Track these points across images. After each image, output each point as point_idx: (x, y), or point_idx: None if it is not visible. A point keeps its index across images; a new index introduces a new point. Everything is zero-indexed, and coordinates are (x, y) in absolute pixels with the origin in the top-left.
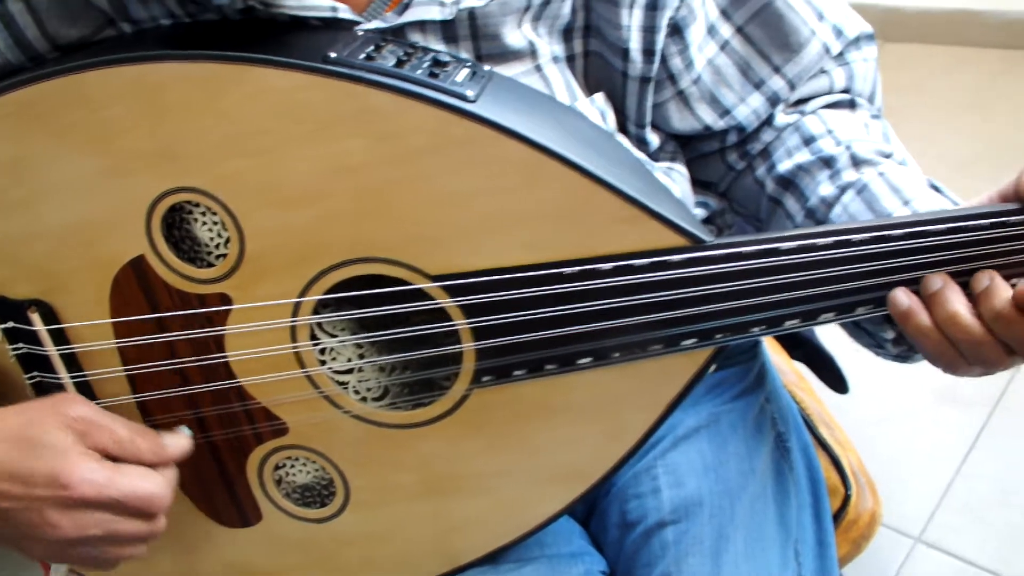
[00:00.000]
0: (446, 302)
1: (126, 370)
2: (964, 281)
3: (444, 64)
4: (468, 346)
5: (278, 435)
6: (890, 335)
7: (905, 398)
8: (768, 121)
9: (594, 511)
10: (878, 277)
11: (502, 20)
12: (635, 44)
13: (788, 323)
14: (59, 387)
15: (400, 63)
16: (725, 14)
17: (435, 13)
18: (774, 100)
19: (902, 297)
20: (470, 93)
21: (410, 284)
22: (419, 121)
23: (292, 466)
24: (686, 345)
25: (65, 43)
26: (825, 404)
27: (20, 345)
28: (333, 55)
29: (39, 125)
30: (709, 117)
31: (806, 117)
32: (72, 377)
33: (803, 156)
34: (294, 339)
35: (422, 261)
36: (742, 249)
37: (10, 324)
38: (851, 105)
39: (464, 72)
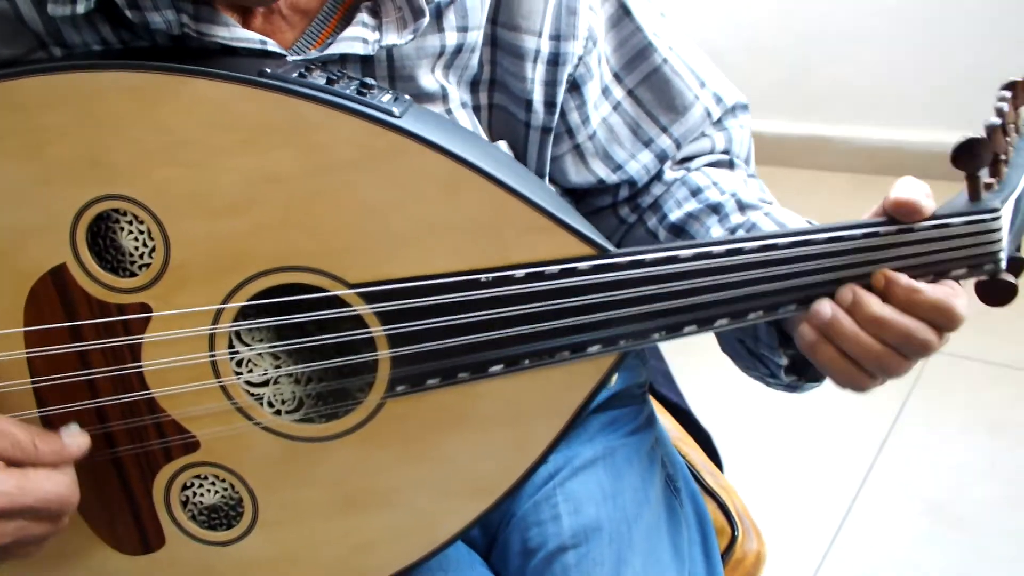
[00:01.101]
0: (363, 308)
1: (33, 382)
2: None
3: (370, 87)
4: (384, 353)
5: (188, 451)
6: (784, 361)
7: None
8: (657, 176)
9: (495, 543)
10: (768, 284)
11: (417, 63)
12: (538, 96)
13: (687, 328)
14: None
15: (330, 82)
16: (617, 77)
17: (358, 48)
18: (662, 157)
19: (826, 305)
20: (396, 111)
21: (329, 292)
22: (347, 133)
23: (200, 485)
24: (592, 351)
25: None
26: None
27: None
28: (268, 70)
29: None
30: (603, 171)
31: (692, 172)
32: None
33: (692, 205)
34: (212, 348)
35: (343, 270)
36: (644, 257)
37: None
38: (730, 165)
39: (388, 96)
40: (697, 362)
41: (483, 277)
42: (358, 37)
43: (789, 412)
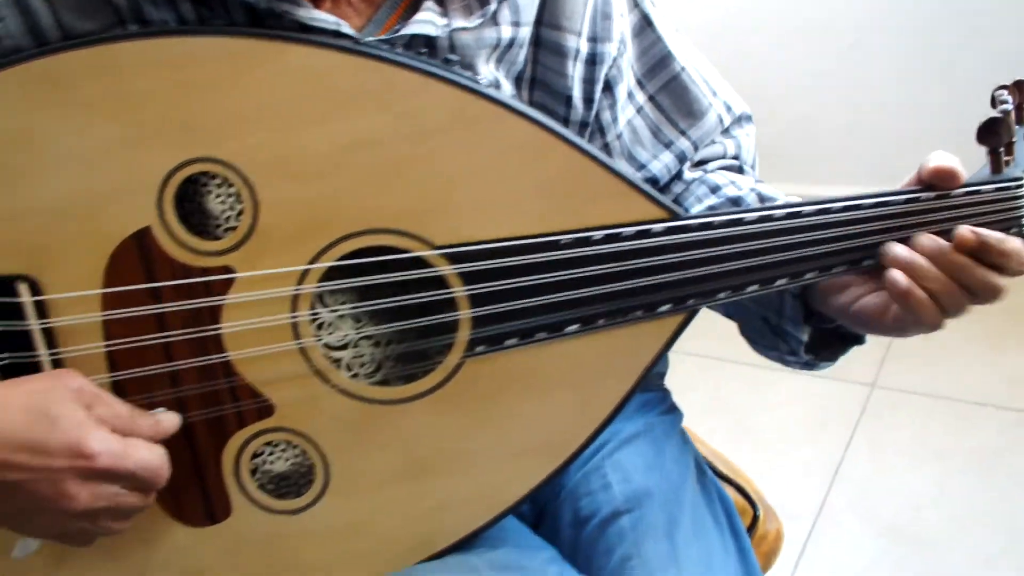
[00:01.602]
0: (446, 269)
1: (107, 346)
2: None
3: (452, 62)
4: (465, 313)
5: (262, 416)
6: (805, 337)
7: None
8: (678, 175)
9: (544, 516)
10: (822, 245)
11: (476, 52)
12: (577, 92)
13: (750, 288)
14: (32, 368)
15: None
16: (640, 83)
17: (430, 29)
18: (682, 158)
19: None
20: (481, 82)
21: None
22: (439, 100)
23: (271, 453)
24: (662, 311)
25: (75, 35)
26: None
27: None
28: (360, 39)
29: (60, 93)
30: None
31: (709, 173)
32: (50, 355)
33: (712, 200)
34: (294, 310)
35: (429, 232)
36: (712, 219)
37: None
38: (740, 170)
39: (468, 72)
40: None
41: (562, 239)
42: (428, 20)
43: (743, 444)
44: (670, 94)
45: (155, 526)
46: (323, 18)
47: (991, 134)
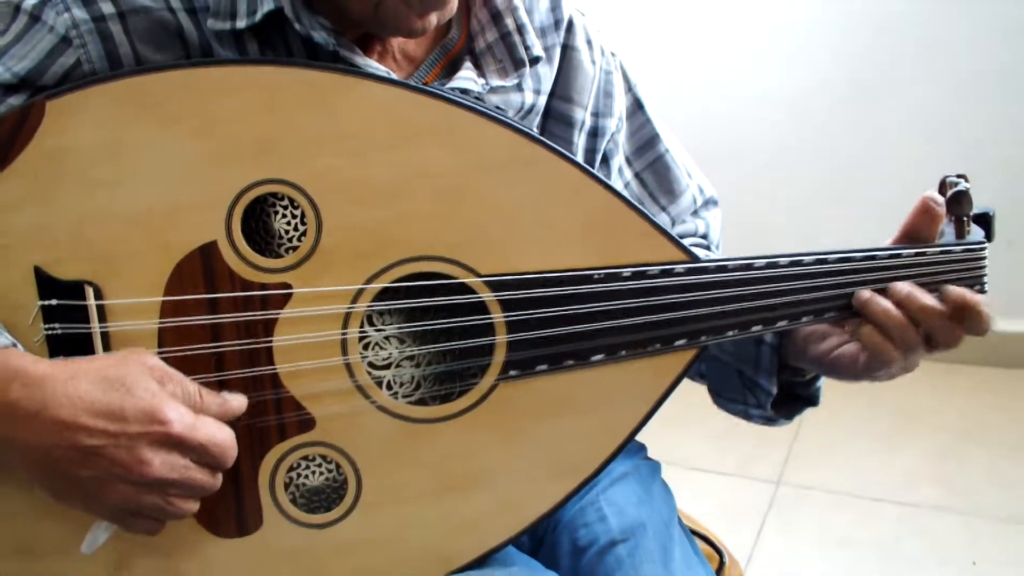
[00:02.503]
0: (487, 296)
1: (160, 352)
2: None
3: (503, 111)
4: (502, 338)
5: (303, 429)
6: (775, 390)
7: None
8: None
9: (542, 546)
10: (819, 292)
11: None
12: (580, 160)
13: (754, 328)
14: None
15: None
16: (628, 161)
17: (472, 85)
18: None
19: (864, 292)
20: (534, 129)
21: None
22: (496, 139)
23: (307, 467)
24: (678, 345)
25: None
26: None
27: (55, 325)
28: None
29: (147, 110)
30: None
31: None
32: None
33: None
34: (345, 327)
35: (475, 261)
36: (726, 263)
37: (54, 302)
38: (707, 248)
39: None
40: None
41: (595, 274)
42: (470, 78)
43: None
44: (654, 173)
45: (186, 536)
46: (376, 66)
47: (959, 204)
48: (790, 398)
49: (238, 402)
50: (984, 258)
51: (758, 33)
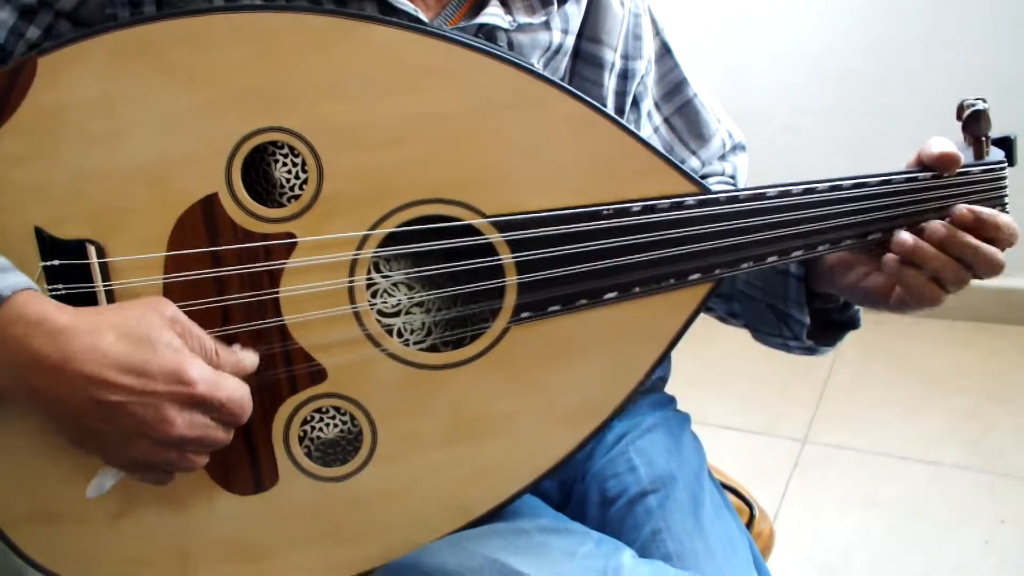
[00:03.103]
0: (495, 237)
1: None
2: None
3: (512, 51)
4: (512, 279)
5: (315, 381)
6: (807, 320)
7: None
8: None
9: (570, 498)
10: (835, 219)
11: (530, 53)
12: (610, 103)
13: (769, 259)
14: None
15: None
16: (657, 105)
17: (499, 21)
18: None
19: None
20: (538, 65)
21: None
22: (503, 79)
23: (320, 419)
24: (692, 279)
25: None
26: None
27: (59, 286)
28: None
29: (143, 62)
30: None
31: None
32: None
33: None
34: (351, 275)
35: (481, 202)
36: (738, 194)
37: (56, 262)
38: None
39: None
40: None
41: (604, 209)
42: (497, 14)
43: None
44: (684, 117)
45: (202, 495)
46: (405, 4)
47: (976, 123)
48: (827, 324)
49: (251, 359)
50: (1004, 178)
51: None
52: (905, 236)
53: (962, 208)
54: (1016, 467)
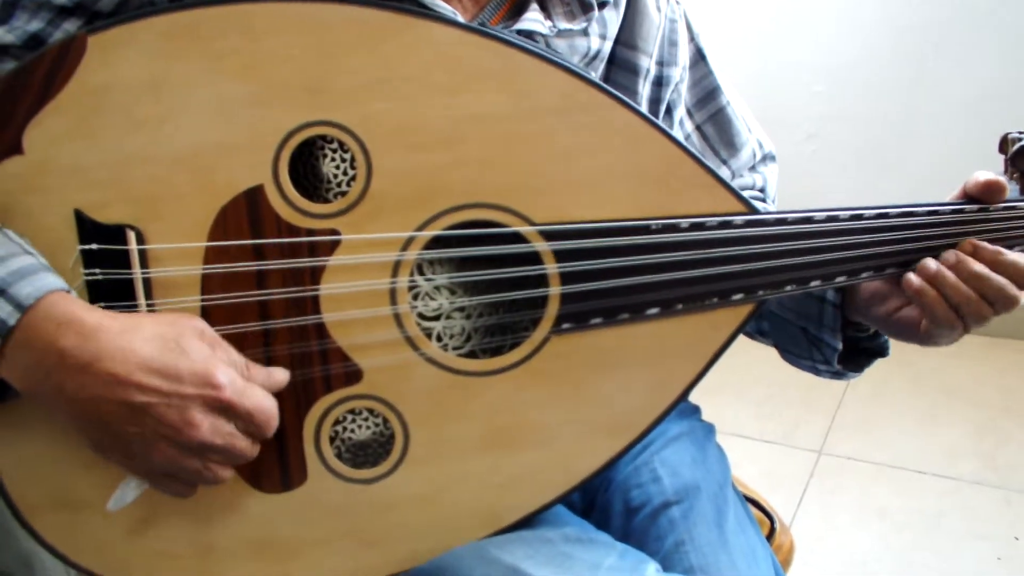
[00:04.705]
0: (541, 245)
1: (203, 300)
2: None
3: (562, 56)
4: (555, 290)
5: (350, 381)
6: (839, 346)
7: None
8: None
9: (594, 506)
10: (879, 247)
11: (569, 58)
12: (644, 110)
13: (812, 282)
14: None
15: None
16: (690, 112)
17: (539, 27)
18: None
19: (914, 278)
20: (593, 74)
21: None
22: (555, 84)
23: (353, 420)
24: (735, 299)
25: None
26: None
27: (95, 271)
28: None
29: (194, 47)
30: None
31: None
32: (148, 305)
33: None
34: (394, 276)
35: (529, 209)
36: (787, 216)
37: (95, 246)
38: (765, 202)
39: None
40: None
41: (653, 224)
42: (537, 19)
43: None
44: (716, 125)
45: (229, 490)
46: (442, 6)
47: (1023, 159)
48: (856, 351)
49: (282, 375)
50: None
51: (810, 1)
52: (928, 262)
53: (965, 242)
54: None
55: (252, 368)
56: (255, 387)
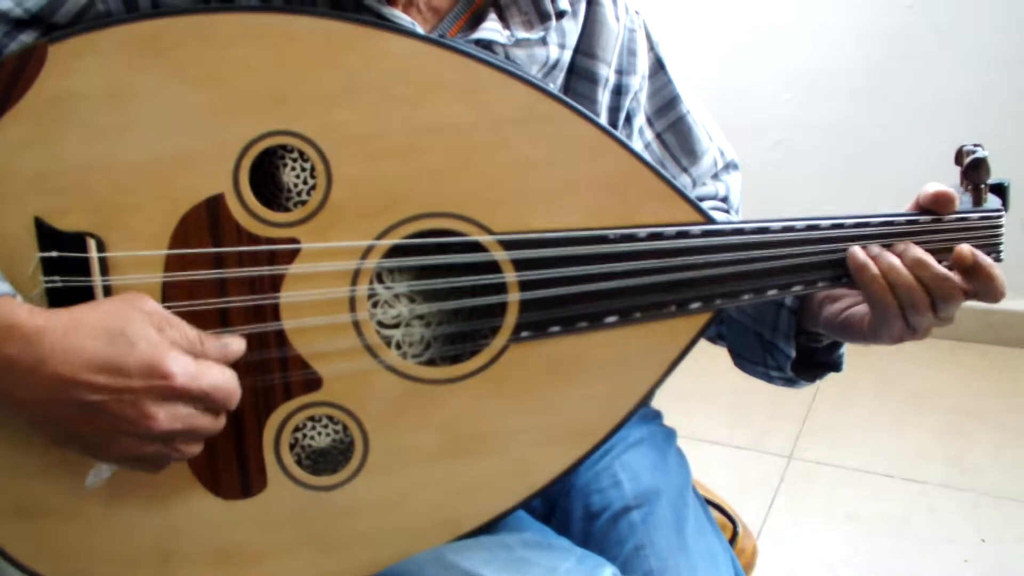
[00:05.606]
0: (500, 255)
1: (166, 307)
2: None
3: (521, 67)
4: (514, 296)
5: (310, 389)
6: (793, 353)
7: None
8: None
9: (555, 511)
10: (836, 255)
11: (528, 67)
12: (604, 118)
13: (769, 292)
14: None
15: None
16: (650, 121)
17: (497, 36)
18: None
19: (859, 252)
20: (551, 85)
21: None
22: (515, 95)
23: (313, 427)
24: (693, 308)
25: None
26: None
27: (55, 278)
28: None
29: (155, 56)
30: None
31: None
32: None
33: None
34: (354, 284)
35: (489, 218)
36: (743, 226)
37: (54, 254)
38: (727, 211)
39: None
40: None
41: (611, 234)
42: (495, 29)
43: None
44: (676, 134)
45: (188, 496)
46: (401, 17)
47: (976, 171)
48: (811, 364)
49: (238, 344)
50: (1001, 226)
51: (776, 10)
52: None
53: (965, 248)
54: (996, 486)
55: (206, 342)
56: (209, 364)
